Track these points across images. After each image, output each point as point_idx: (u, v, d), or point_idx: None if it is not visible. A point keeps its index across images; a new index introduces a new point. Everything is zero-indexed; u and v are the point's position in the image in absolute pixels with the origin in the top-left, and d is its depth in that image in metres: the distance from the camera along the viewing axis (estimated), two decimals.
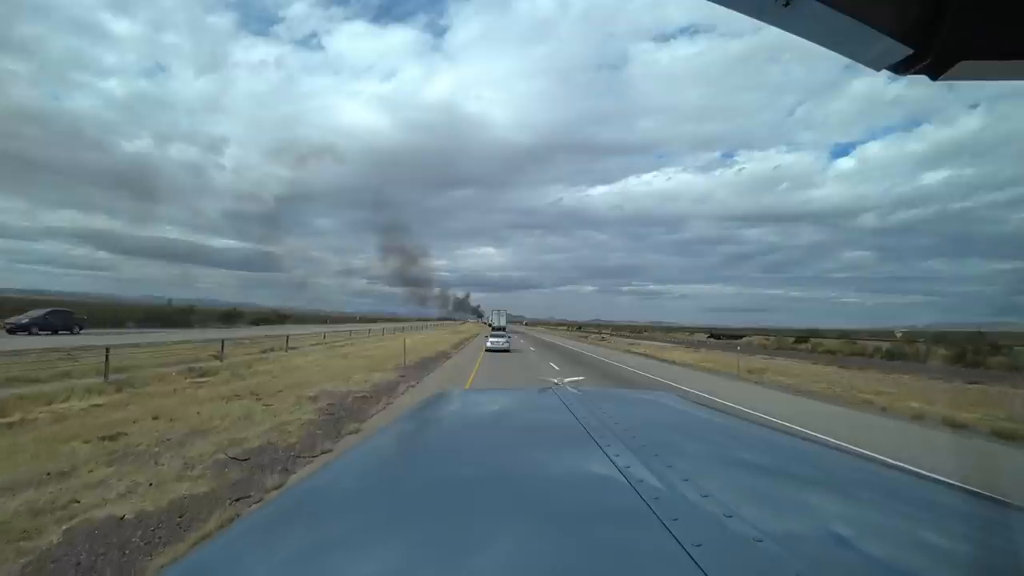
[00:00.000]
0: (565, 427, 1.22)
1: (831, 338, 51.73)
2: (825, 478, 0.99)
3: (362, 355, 19.40)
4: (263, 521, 0.81)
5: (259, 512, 0.90)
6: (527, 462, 1.02)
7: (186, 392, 9.95)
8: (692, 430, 1.36)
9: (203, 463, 4.88)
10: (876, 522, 0.78)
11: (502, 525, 0.69)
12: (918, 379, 16.30)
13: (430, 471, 0.96)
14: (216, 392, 9.86)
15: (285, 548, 0.67)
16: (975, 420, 8.40)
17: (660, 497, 0.72)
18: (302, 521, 0.75)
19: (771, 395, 11.72)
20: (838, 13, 0.57)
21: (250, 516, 0.86)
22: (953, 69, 0.60)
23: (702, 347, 39.19)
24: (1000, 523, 0.79)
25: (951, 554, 0.68)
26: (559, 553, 0.60)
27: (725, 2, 0.60)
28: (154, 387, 10.42)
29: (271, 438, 5.92)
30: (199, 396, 9.47)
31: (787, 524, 0.72)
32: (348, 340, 31.92)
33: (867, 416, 9.34)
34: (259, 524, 0.79)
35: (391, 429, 1.42)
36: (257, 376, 12.77)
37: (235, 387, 10.59)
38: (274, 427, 6.51)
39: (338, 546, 0.66)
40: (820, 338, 51.72)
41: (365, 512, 0.77)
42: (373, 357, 18.24)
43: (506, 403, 1.74)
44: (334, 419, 7.16)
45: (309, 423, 6.80)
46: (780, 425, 7.28)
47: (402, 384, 11.12)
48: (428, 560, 0.61)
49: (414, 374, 13.42)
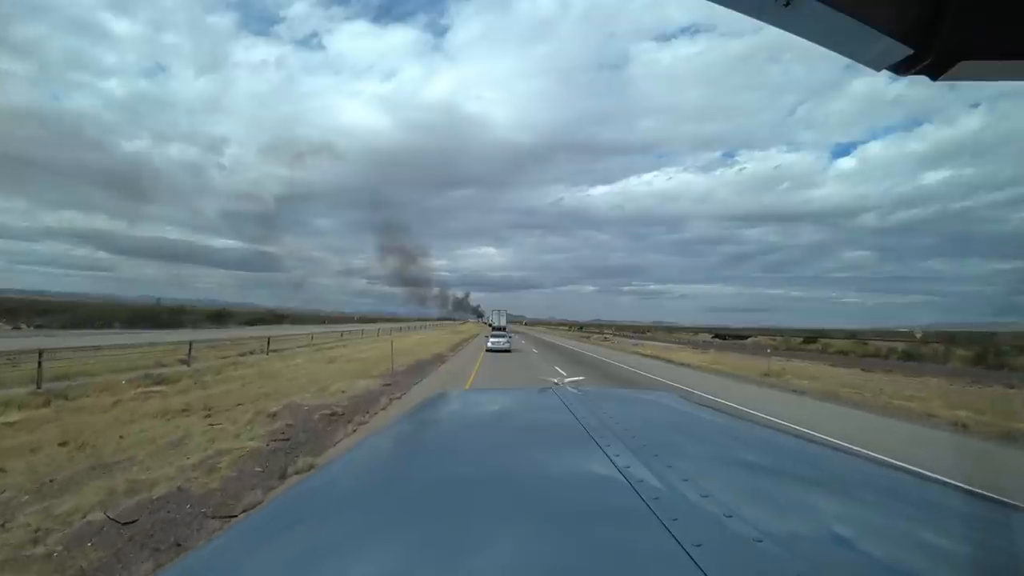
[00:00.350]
0: (565, 427, 1.22)
1: (839, 338, 50.56)
2: (825, 478, 1.00)
3: (351, 358, 17.88)
4: (263, 521, 0.80)
5: (259, 512, 0.88)
6: (527, 462, 1.02)
7: (127, 405, 8.44)
8: (692, 430, 1.36)
9: (64, 531, 3.34)
10: (876, 522, 0.78)
11: (502, 525, 0.69)
12: (949, 383, 15.16)
13: (430, 471, 0.96)
14: (163, 406, 8.36)
15: (285, 548, 0.66)
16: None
17: (660, 497, 0.72)
18: (302, 521, 0.75)
19: (806, 404, 10.21)
20: (838, 13, 0.57)
21: (250, 516, 0.83)
22: (953, 69, 0.61)
23: (709, 348, 38.02)
24: (1000, 523, 0.80)
25: (951, 554, 0.68)
26: (559, 553, 0.60)
27: (725, 2, 0.60)
28: (93, 399, 8.91)
29: (189, 480, 4.39)
30: (140, 411, 7.96)
31: (787, 524, 0.72)
32: (340, 342, 30.37)
33: (927, 430, 7.91)
34: (259, 524, 0.79)
35: (391, 429, 1.43)
36: (223, 384, 11.25)
37: (190, 399, 9.08)
38: (204, 460, 4.98)
39: (338, 546, 0.65)
40: (828, 338, 50.49)
41: (365, 512, 0.77)
42: (362, 361, 16.73)
43: (506, 403, 1.72)
44: (286, 448, 5.62)
45: (251, 454, 5.27)
46: (838, 444, 6.29)
47: (385, 396, 9.55)
48: (428, 560, 0.60)
49: (403, 382, 11.86)
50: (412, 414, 1.59)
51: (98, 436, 6.01)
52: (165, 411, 7.88)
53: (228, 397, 9.32)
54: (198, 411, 7.92)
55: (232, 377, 12.30)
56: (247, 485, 4.38)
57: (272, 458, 5.17)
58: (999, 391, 13.47)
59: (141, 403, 8.70)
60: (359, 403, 8.64)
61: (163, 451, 5.33)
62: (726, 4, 0.60)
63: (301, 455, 5.29)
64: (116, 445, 5.61)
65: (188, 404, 8.53)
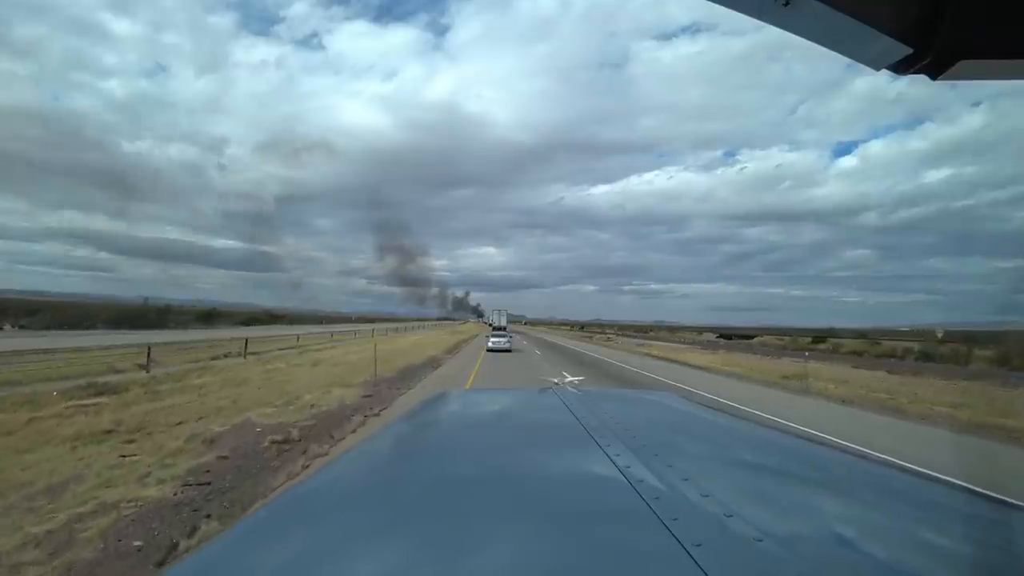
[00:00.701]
0: (565, 427, 1.22)
1: (847, 337, 49.29)
2: (825, 478, 1.00)
3: (337, 362, 16.35)
4: (263, 521, 0.80)
5: (259, 512, 0.86)
6: (527, 462, 1.02)
7: (43, 424, 6.90)
8: (692, 430, 1.37)
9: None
10: (876, 522, 0.78)
11: (502, 525, 0.69)
12: (990, 387, 13.91)
13: (429, 471, 0.96)
14: (87, 425, 6.83)
15: (285, 548, 0.66)
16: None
17: (660, 497, 0.72)
18: (302, 521, 0.75)
19: (863, 419, 8.65)
20: (838, 13, 0.57)
21: (250, 516, 0.84)
22: (953, 69, 0.61)
23: (717, 348, 36.64)
24: (1001, 523, 0.80)
25: (951, 554, 0.68)
26: (559, 553, 0.60)
27: (725, 2, 0.61)
28: (6, 415, 7.37)
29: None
30: (53, 433, 6.43)
31: (787, 524, 0.72)
32: (330, 343, 28.80)
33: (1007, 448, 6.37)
34: (259, 524, 0.78)
35: (391, 429, 1.43)
36: (179, 395, 9.71)
37: (125, 415, 7.54)
38: (66, 525, 3.43)
39: (338, 546, 0.65)
40: (835, 338, 49.23)
41: (365, 512, 0.77)
42: (348, 365, 15.19)
43: (506, 403, 1.73)
44: (200, 498, 4.04)
45: (142, 513, 3.71)
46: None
47: (361, 412, 7.96)
48: (428, 560, 0.60)
49: (386, 392, 10.28)
50: (412, 414, 1.58)
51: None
52: (83, 434, 6.34)
53: (174, 412, 7.79)
54: (123, 434, 6.37)
55: (191, 386, 10.76)
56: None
57: (169, 520, 3.60)
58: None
59: (62, 421, 7.16)
60: (326, 423, 7.08)
61: (19, 506, 3.77)
62: (726, 4, 0.60)
63: (214, 513, 3.72)
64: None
65: (119, 422, 6.98)
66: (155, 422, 7.03)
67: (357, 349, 22.41)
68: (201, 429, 6.49)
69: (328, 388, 10.17)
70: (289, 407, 8.07)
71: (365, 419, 7.39)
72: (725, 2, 0.59)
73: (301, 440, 5.97)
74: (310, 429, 6.58)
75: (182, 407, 8.28)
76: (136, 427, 6.77)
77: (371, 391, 10.05)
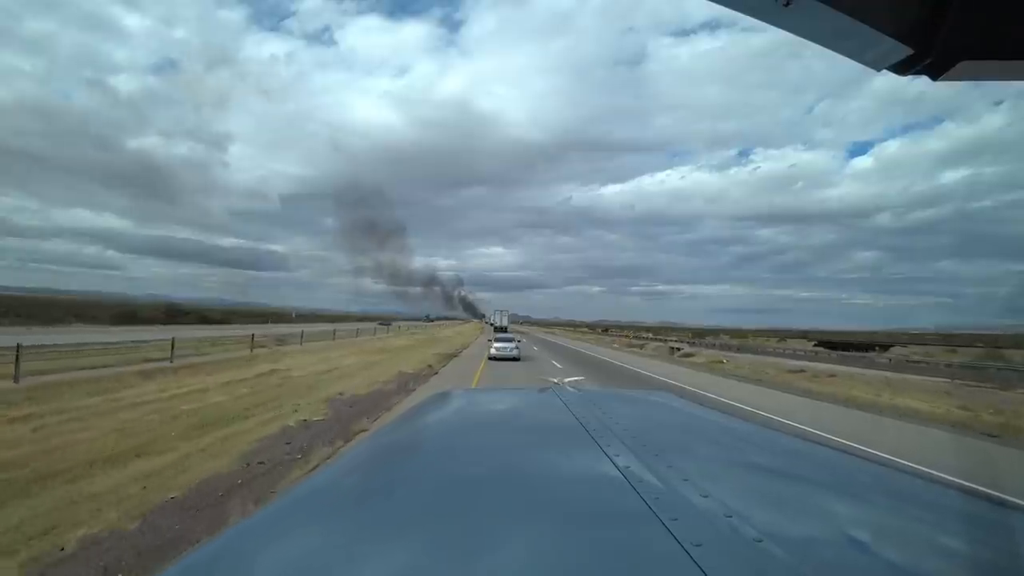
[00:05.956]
0: (565, 427, 1.30)
1: (906, 343, 40.06)
2: (825, 478, 1.07)
3: (263, 384, 11.01)
4: (265, 521, 0.85)
5: (261, 512, 0.93)
6: (527, 462, 1.08)
7: None
8: (692, 430, 1.46)
9: None
10: (876, 522, 0.84)
11: (502, 525, 0.74)
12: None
13: (429, 471, 1.03)
14: None
15: (287, 548, 0.72)
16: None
17: (660, 497, 0.77)
18: (303, 521, 0.81)
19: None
20: (838, 13, 0.62)
21: (252, 516, 0.88)
22: (953, 69, 0.65)
23: (816, 360, 24.48)
24: (1002, 523, 0.86)
25: (952, 554, 0.73)
26: (559, 553, 0.64)
27: (725, 2, 0.65)
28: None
29: None
30: None
31: (787, 524, 0.77)
32: (301, 347, 22.43)
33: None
34: (261, 524, 0.84)
35: (391, 429, 1.55)
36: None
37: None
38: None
39: (338, 546, 0.71)
40: (894, 344, 42.92)
41: (364, 512, 0.83)
42: (293, 385, 11.16)
43: (506, 403, 1.86)
44: None
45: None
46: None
47: None
48: (428, 560, 0.65)
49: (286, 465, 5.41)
50: (411, 414, 1.71)
51: None
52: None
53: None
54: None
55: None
56: None
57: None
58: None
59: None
60: None
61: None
62: (726, 4, 0.65)
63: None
64: None
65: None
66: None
67: (338, 354, 18.66)
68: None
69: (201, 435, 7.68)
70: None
71: None
72: (725, 2, 0.65)
73: None
74: None
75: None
76: None
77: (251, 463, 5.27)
